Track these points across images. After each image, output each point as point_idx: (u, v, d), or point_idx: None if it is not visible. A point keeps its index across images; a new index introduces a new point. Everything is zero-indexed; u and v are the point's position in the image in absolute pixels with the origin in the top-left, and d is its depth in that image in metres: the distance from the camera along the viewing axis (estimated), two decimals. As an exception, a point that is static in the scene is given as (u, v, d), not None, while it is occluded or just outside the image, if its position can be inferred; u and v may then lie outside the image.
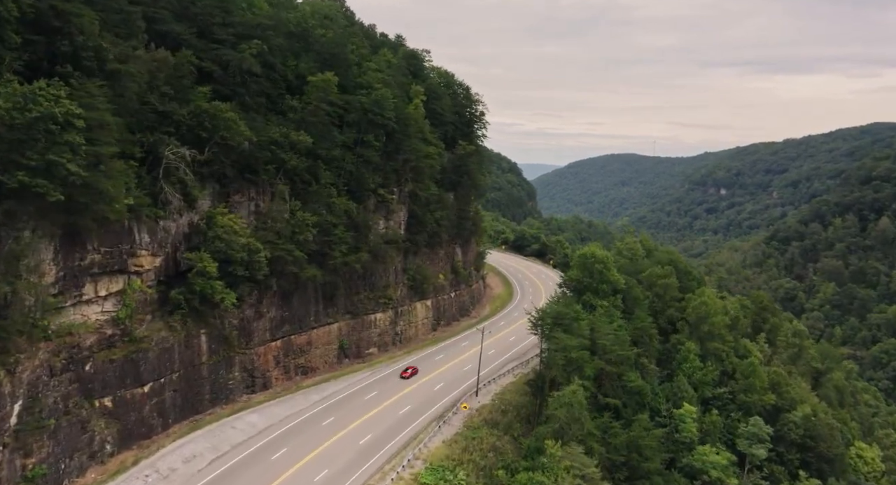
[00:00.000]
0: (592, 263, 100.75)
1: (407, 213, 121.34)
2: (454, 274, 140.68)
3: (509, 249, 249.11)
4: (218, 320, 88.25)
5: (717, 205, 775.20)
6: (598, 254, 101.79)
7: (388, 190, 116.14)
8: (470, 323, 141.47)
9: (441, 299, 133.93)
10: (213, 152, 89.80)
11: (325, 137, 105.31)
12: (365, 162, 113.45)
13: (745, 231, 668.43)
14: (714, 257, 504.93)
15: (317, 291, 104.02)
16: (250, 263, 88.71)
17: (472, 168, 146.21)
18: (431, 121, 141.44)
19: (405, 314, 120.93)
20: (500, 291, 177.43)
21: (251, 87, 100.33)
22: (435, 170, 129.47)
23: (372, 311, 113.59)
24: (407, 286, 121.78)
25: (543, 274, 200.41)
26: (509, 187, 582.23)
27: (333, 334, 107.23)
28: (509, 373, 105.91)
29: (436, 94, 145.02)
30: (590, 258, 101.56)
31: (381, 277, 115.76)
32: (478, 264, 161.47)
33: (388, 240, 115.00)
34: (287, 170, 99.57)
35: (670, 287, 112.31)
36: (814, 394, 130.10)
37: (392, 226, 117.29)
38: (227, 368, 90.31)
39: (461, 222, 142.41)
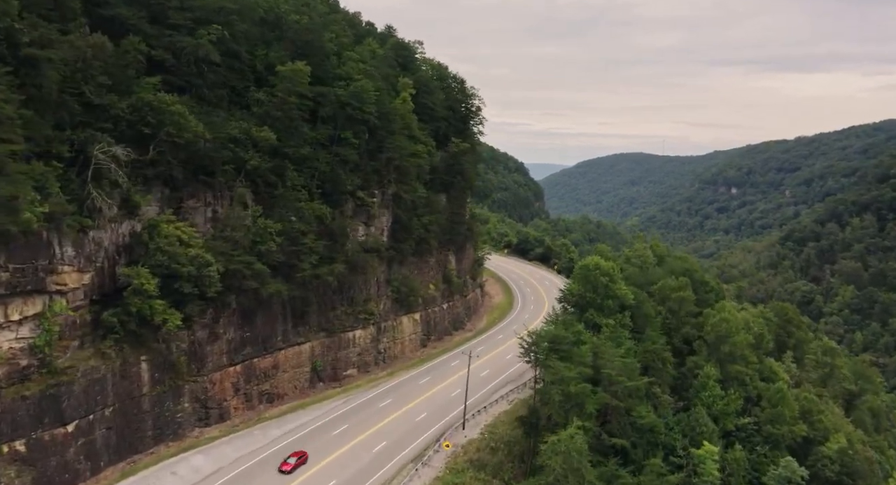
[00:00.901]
0: (596, 275, 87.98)
1: (391, 217, 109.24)
2: (446, 284, 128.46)
3: (512, 252, 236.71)
4: (162, 345, 76.41)
5: (728, 204, 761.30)
6: (603, 265, 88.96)
7: (369, 192, 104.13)
8: (465, 337, 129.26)
9: (431, 312, 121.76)
10: (160, 151, 78.21)
11: (294, 133, 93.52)
12: (342, 161, 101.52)
13: (757, 231, 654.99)
14: (726, 259, 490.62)
15: (285, 307, 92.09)
16: (199, 279, 76.92)
17: (466, 167, 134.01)
18: (421, 117, 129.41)
19: (389, 330, 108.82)
20: (499, 299, 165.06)
21: (209, 78, 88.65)
22: (423, 170, 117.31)
23: (350, 328, 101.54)
24: (391, 299, 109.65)
25: (547, 280, 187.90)
26: (516, 187, 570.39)
27: (305, 355, 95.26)
28: (503, 399, 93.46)
29: (427, 88, 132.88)
30: (593, 270, 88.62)
31: (361, 290, 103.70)
32: (474, 272, 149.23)
33: (368, 248, 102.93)
34: (249, 171, 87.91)
35: (686, 302, 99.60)
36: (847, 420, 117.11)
37: (373, 232, 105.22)
38: (174, 398, 78.45)
39: (454, 227, 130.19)
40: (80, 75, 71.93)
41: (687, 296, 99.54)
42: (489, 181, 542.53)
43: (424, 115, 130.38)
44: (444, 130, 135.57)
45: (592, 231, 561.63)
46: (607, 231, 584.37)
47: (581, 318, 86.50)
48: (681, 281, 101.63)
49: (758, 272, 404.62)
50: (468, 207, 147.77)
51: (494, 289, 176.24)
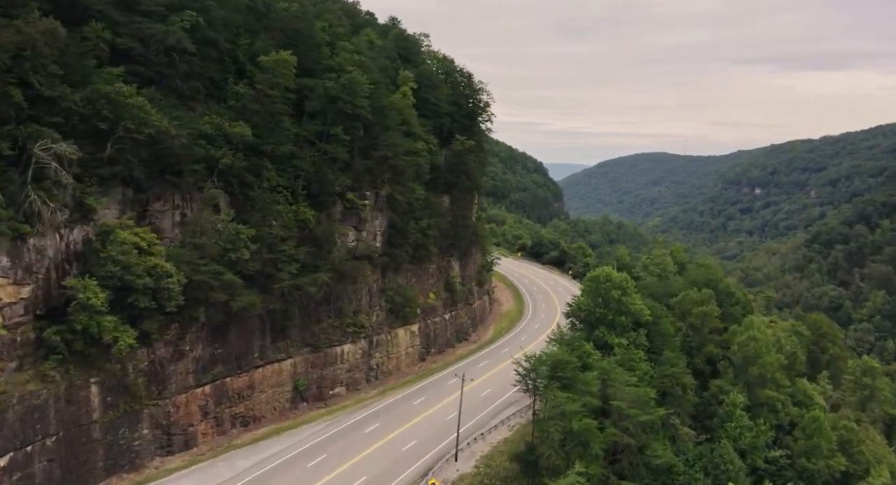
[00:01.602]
0: (608, 288, 78.19)
1: (385, 221, 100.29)
2: (449, 292, 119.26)
3: (527, 256, 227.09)
4: (116, 365, 68.05)
5: (751, 205, 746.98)
6: (615, 277, 79.13)
7: (360, 194, 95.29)
8: (468, 350, 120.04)
9: (431, 323, 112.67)
10: (119, 149, 70.12)
11: (274, 129, 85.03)
12: (330, 160, 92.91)
13: (781, 232, 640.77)
14: (750, 261, 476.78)
15: (263, 320, 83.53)
16: (158, 292, 68.58)
17: (471, 167, 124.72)
18: (423, 112, 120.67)
19: (383, 344, 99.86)
20: (509, 307, 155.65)
21: (181, 69, 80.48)
22: (423, 169, 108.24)
23: (338, 342, 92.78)
24: (385, 310, 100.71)
25: (561, 286, 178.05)
26: (534, 188, 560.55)
27: (286, 374, 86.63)
28: (504, 424, 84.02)
29: (430, 82, 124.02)
30: (604, 282, 78.92)
31: (351, 301, 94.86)
32: (481, 278, 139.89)
33: (358, 255, 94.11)
34: (223, 170, 79.56)
35: (709, 317, 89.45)
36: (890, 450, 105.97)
37: (365, 238, 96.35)
38: (130, 425, 70.05)
39: (458, 231, 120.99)
40: (28, 64, 64.02)
41: (710, 310, 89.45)
42: (507, 181, 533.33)
43: (427, 111, 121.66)
44: (449, 126, 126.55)
45: (613, 232, 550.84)
46: (628, 232, 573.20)
47: (590, 336, 76.95)
48: (703, 293, 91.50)
49: (783, 276, 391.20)
50: (475, 208, 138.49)
51: (504, 295, 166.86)
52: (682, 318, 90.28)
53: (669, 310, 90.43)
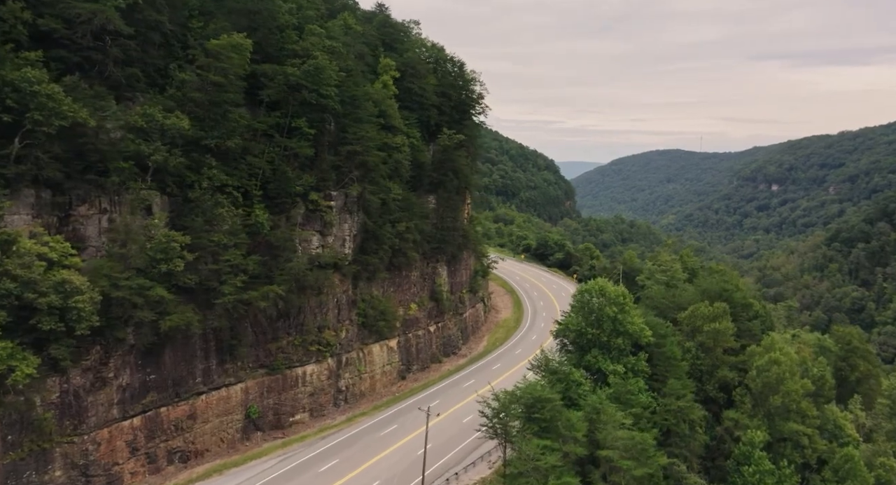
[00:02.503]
0: (602, 305, 66.44)
1: (356, 225, 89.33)
2: (434, 302, 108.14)
3: (531, 257, 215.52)
4: (19, 398, 57.61)
5: (768, 202, 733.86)
6: (610, 291, 67.34)
7: (325, 194, 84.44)
8: (456, 365, 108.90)
9: (413, 337, 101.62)
10: (28, 145, 60.06)
11: (220, 120, 74.36)
12: (291, 156, 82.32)
13: (799, 229, 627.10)
14: (768, 260, 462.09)
15: (206, 340, 72.94)
16: (66, 311, 58.12)
17: (460, 163, 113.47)
18: (407, 104, 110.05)
19: (353, 363, 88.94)
20: (506, 315, 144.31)
21: (113, 54, 70.10)
22: (402, 165, 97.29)
23: (299, 362, 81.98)
24: (357, 325, 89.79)
25: (565, 291, 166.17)
26: (545, 186, 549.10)
27: (235, 400, 75.97)
28: (483, 460, 72.48)
29: (415, 71, 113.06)
30: (596, 297, 67.32)
31: (315, 315, 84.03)
32: (474, 285, 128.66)
33: (323, 263, 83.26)
34: (158, 168, 69.10)
35: (723, 335, 77.75)
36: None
37: (331, 243, 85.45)
38: (38, 467, 59.59)
39: (446, 234, 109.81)
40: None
41: (724, 328, 77.62)
42: (517, 179, 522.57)
43: (411, 103, 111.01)
44: (436, 120, 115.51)
45: (625, 231, 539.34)
46: (641, 231, 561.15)
47: (580, 361, 65.63)
48: (716, 308, 79.66)
49: (802, 276, 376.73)
50: (466, 209, 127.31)
51: (503, 301, 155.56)
52: (691, 336, 78.47)
53: (676, 326, 78.82)
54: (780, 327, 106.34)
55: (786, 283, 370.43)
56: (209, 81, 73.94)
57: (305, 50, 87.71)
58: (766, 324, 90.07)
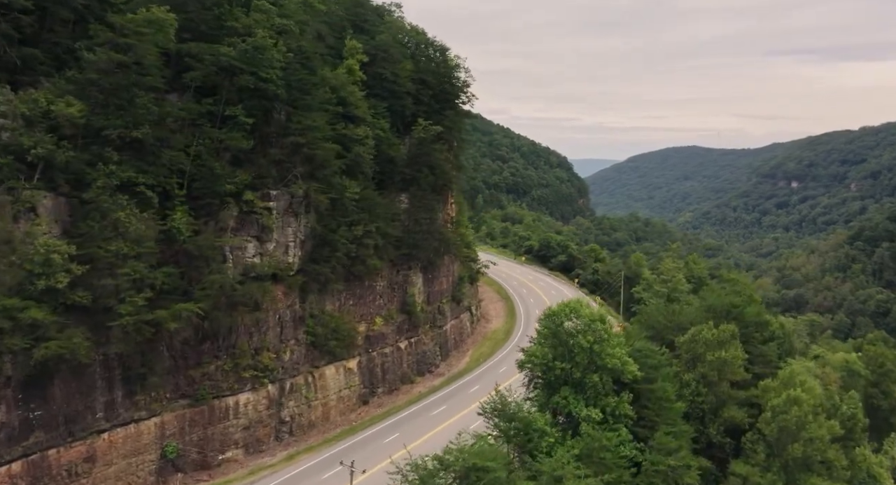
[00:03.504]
0: (573, 333, 53.11)
1: (303, 229, 77.12)
2: (406, 315, 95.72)
3: (532, 260, 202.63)
4: None
5: (787, 199, 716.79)
6: (586, 314, 54.00)
7: (263, 193, 72.34)
8: (431, 385, 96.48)
9: (378, 356, 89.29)
10: None
11: (126, 107, 62.51)
12: (221, 150, 70.43)
13: (820, 228, 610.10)
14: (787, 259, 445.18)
15: (108, 368, 61.06)
16: None
17: (437, 158, 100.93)
18: (377, 92, 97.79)
19: (300, 390, 76.73)
20: (497, 325, 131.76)
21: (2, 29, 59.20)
22: (364, 160, 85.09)
23: (230, 391, 69.90)
24: (305, 344, 77.59)
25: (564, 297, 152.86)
26: (557, 184, 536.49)
27: (148, 437, 64.04)
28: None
29: (388, 56, 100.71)
30: (566, 319, 53.92)
31: (251, 335, 71.96)
32: (458, 294, 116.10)
33: (260, 275, 71.18)
34: (48, 165, 57.59)
35: (731, 366, 64.33)
36: None
37: (271, 251, 73.30)
38: None
39: (419, 237, 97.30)
40: None
41: (732, 357, 63.96)
42: (528, 177, 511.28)
43: (382, 91, 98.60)
44: (412, 109, 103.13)
45: (639, 230, 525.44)
46: (656, 229, 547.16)
47: (547, 403, 52.68)
48: (723, 331, 66.03)
49: (824, 276, 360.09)
50: (449, 209, 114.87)
51: (495, 309, 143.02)
52: (691, 366, 65.00)
53: (674, 352, 65.75)
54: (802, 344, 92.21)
55: (806, 284, 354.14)
56: (115, 62, 62.12)
57: (248, 28, 75.78)
58: (785, 347, 75.93)
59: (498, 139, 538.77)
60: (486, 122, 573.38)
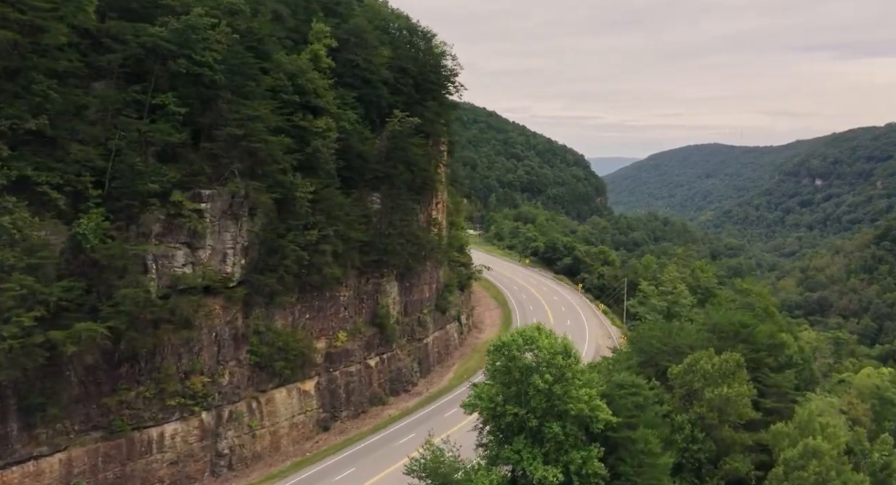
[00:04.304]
0: (528, 369, 42.29)
1: (246, 234, 67.64)
2: (377, 328, 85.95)
3: (538, 262, 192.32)
4: None
5: (811, 197, 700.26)
6: (545, 346, 42.94)
7: (194, 194, 62.99)
8: (404, 408, 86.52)
9: (342, 375, 79.54)
10: None
11: (20, 94, 53.48)
12: (145, 143, 61.20)
13: (845, 226, 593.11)
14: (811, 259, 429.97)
15: (1, 398, 52.07)
16: None
17: (414, 153, 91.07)
18: (348, 81, 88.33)
19: (241, 417, 67.21)
20: (489, 335, 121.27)
21: None
22: (323, 156, 75.54)
23: (154, 421, 60.53)
24: (249, 365, 68.11)
25: (565, 305, 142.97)
26: (574, 182, 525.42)
27: (51, 475, 54.73)
28: None
29: (361, 42, 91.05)
30: (520, 350, 43.78)
31: (179, 357, 62.58)
32: (444, 303, 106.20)
33: (189, 287, 61.81)
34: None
35: (734, 405, 54.59)
36: None
37: (205, 260, 63.90)
38: None
39: (392, 242, 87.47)
40: None
41: (737, 394, 52.79)
42: (544, 175, 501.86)
43: (353, 79, 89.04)
44: (389, 100, 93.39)
45: (658, 229, 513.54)
46: (675, 229, 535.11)
47: (497, 457, 42.45)
48: (727, 361, 54.72)
49: (849, 278, 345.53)
50: (434, 210, 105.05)
51: (491, 317, 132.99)
52: (686, 403, 54.21)
53: (665, 383, 55.15)
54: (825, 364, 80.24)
55: (830, 286, 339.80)
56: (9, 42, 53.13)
57: (186, 6, 66.52)
58: (804, 375, 63.72)
59: (513, 137, 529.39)
60: (501, 120, 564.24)
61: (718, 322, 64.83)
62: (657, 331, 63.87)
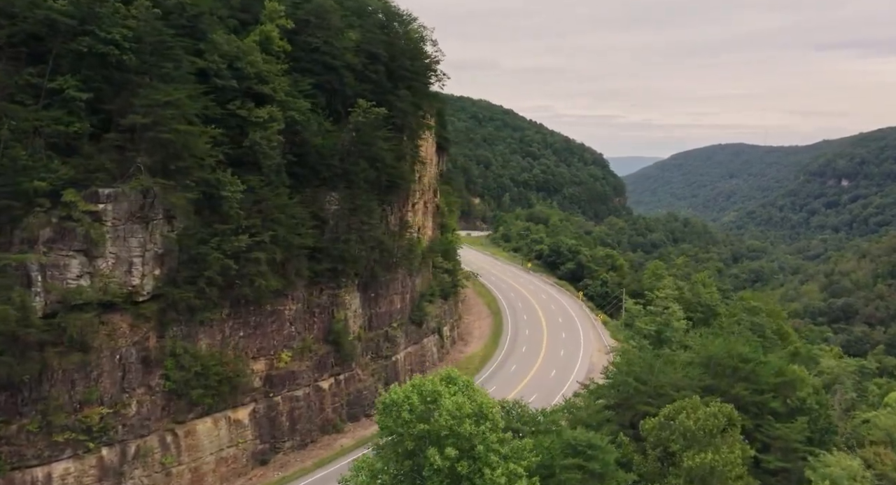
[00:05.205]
0: (425, 439, 30.95)
1: (160, 240, 58.00)
2: (332, 345, 75.95)
3: (541, 266, 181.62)
4: None
5: (837, 198, 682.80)
6: (450, 407, 28.92)
7: (91, 193, 53.51)
8: (363, 436, 76.06)
9: (285, 401, 69.61)
10: None
11: None
12: (33, 134, 52.02)
13: (871, 229, 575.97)
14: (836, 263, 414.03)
15: None
16: None
17: (381, 148, 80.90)
18: (307, 66, 78.64)
19: (151, 453, 57.60)
20: (475, 348, 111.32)
21: None
22: (261, 149, 65.76)
23: (38, 458, 50.96)
24: (162, 393, 58.46)
25: (563, 314, 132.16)
26: (591, 181, 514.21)
27: None
28: None
29: (323, 23, 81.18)
30: (415, 411, 31.79)
31: (73, 385, 53.13)
32: (420, 315, 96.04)
33: (79, 303, 52.31)
34: None
35: (721, 477, 40.54)
36: None
37: (107, 271, 54.41)
38: None
39: (353, 248, 77.37)
40: None
41: (726, 463, 40.35)
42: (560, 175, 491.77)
43: (313, 64, 79.30)
44: (356, 88, 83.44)
45: (677, 230, 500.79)
46: (695, 230, 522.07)
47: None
48: (716, 415, 42.17)
49: (875, 284, 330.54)
50: (410, 212, 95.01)
51: (480, 327, 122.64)
52: (661, 466, 42.92)
53: (640, 440, 44.02)
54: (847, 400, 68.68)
55: (856, 292, 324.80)
56: None
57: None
58: (821, 423, 51.54)
59: (529, 135, 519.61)
60: (517, 117, 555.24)
61: (714, 354, 53.33)
62: (637, 365, 52.50)
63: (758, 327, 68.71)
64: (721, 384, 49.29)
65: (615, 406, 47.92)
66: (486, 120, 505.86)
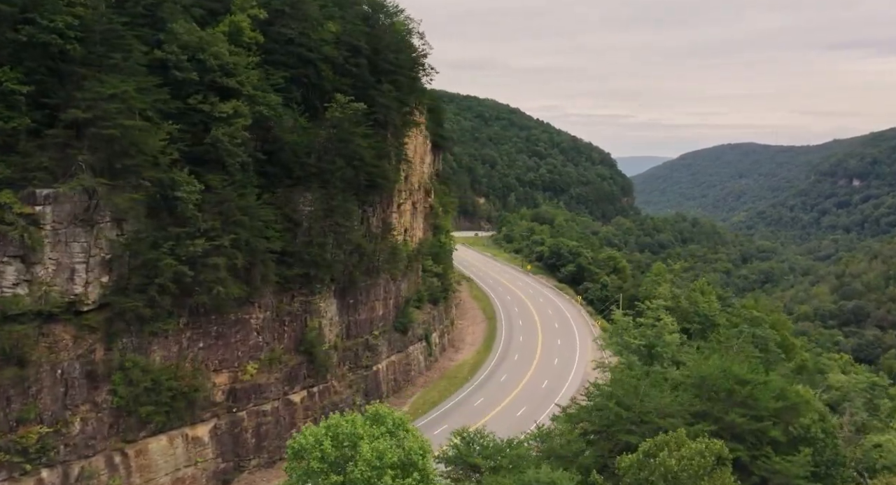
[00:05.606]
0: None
1: (107, 245, 53.59)
2: (305, 355, 71.51)
3: (541, 269, 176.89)
4: None
5: (849, 198, 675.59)
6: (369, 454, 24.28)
7: (27, 194, 49.18)
8: (338, 450, 72.24)
9: (251, 416, 65.16)
10: None
11: None
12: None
13: (883, 229, 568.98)
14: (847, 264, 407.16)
15: None
16: None
17: (359, 145, 76.28)
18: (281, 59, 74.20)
19: (98, 474, 53.17)
20: (467, 355, 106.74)
21: None
22: (222, 146, 61.29)
23: (-40, 489, 47.05)
24: (110, 409, 54.10)
25: (560, 320, 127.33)
26: (598, 181, 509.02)
27: None
28: None
29: (299, 14, 76.71)
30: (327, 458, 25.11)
31: (9, 401, 48.77)
32: (406, 322, 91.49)
33: (12, 314, 47.94)
34: None
35: None
36: None
37: (47, 278, 50.04)
38: None
39: (328, 252, 72.85)
40: None
41: None
42: (567, 174, 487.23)
43: (287, 57, 74.84)
44: (334, 82, 78.96)
45: (686, 230, 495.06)
46: (704, 230, 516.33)
47: None
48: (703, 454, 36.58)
49: (887, 286, 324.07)
50: (392, 212, 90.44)
51: (473, 333, 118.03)
52: None
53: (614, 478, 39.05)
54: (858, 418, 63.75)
55: (867, 294, 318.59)
56: None
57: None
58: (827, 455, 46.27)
59: (536, 134, 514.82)
60: (524, 117, 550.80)
61: (707, 375, 47.92)
62: (620, 387, 47.19)
63: (760, 340, 63.81)
64: (714, 410, 44.10)
65: (594, 432, 43.19)
66: (492, 119, 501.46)
